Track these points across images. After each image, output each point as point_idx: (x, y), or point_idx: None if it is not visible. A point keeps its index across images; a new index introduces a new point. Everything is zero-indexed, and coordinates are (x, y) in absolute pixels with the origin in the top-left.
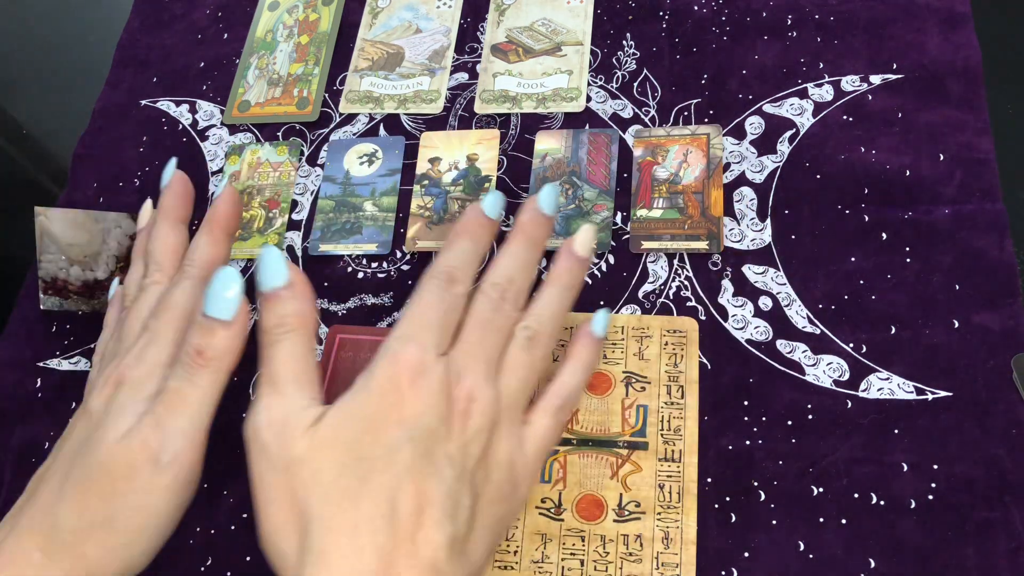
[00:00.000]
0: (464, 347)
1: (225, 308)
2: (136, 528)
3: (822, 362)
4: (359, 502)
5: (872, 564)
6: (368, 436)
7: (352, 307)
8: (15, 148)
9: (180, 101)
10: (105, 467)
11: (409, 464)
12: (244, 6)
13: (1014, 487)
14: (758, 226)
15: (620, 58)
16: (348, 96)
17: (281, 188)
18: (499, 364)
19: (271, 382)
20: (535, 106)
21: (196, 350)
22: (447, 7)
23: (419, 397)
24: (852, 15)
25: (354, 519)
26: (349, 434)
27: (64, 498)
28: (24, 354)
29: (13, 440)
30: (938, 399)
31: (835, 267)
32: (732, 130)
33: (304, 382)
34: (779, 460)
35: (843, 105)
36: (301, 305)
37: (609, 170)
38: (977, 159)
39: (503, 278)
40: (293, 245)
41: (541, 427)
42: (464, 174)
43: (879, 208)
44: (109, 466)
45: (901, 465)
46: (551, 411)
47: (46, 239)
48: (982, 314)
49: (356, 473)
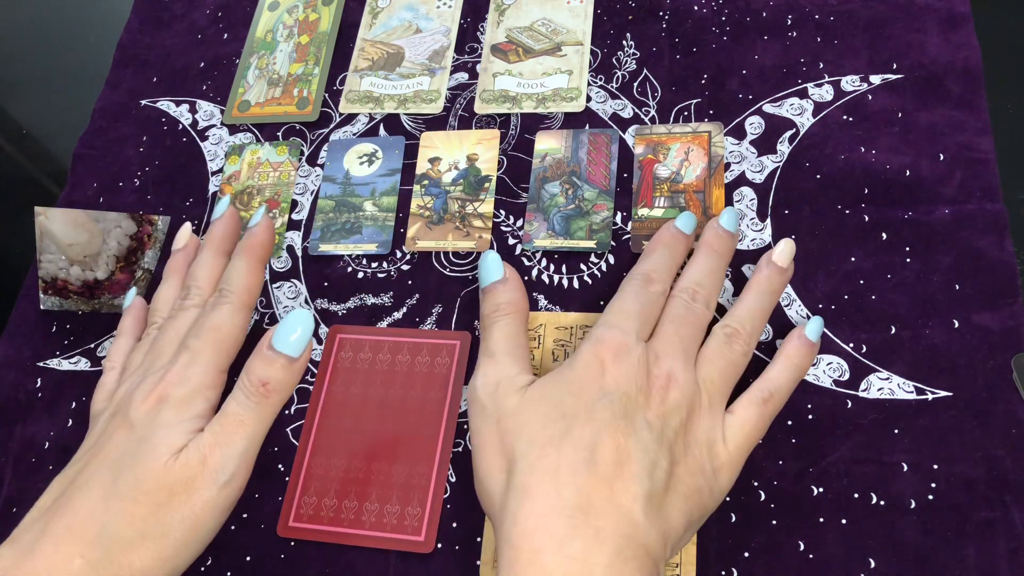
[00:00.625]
0: (662, 336)
1: (294, 346)
2: (185, 541)
3: (822, 362)
4: (561, 446)
5: (872, 564)
6: (571, 397)
7: (352, 307)
8: (15, 148)
9: (180, 101)
10: (162, 481)
11: (608, 421)
12: (244, 6)
13: (1014, 487)
14: (758, 226)
15: (620, 58)
16: (348, 96)
17: (281, 188)
18: (698, 357)
19: (488, 353)
20: (535, 106)
21: (261, 381)
22: (447, 7)
23: (620, 369)
24: (852, 15)
25: (556, 461)
26: (554, 394)
27: (112, 507)
28: (24, 354)
29: (13, 440)
30: (938, 399)
31: (835, 267)
32: (732, 130)
33: (516, 355)
34: (779, 460)
35: (843, 105)
36: (513, 295)
37: (609, 170)
38: (977, 159)
39: (692, 282)
40: (293, 245)
41: (743, 417)
42: (464, 174)
43: (879, 208)
44: (167, 480)
45: (901, 465)
46: (755, 402)
47: (46, 239)
48: (982, 314)
49: (559, 425)
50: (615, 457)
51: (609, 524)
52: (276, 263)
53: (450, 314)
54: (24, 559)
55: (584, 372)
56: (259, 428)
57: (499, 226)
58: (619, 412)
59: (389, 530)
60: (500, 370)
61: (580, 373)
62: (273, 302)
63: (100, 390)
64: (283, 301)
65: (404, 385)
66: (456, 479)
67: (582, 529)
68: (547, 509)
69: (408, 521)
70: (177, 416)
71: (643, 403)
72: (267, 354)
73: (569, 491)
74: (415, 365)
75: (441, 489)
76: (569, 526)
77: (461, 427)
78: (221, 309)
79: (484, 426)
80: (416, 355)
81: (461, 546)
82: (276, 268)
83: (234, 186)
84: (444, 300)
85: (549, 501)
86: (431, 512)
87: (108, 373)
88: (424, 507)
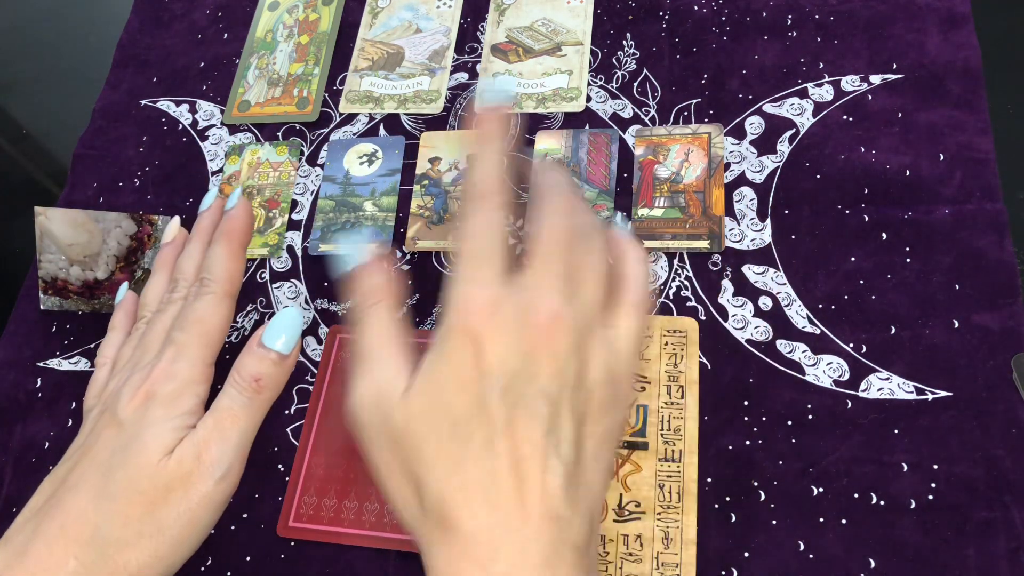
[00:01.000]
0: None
1: (286, 344)
2: (182, 538)
3: (822, 362)
4: (464, 465)
5: (872, 564)
6: (456, 397)
7: None
8: (15, 148)
9: (180, 101)
10: (156, 479)
11: (502, 415)
12: (244, 6)
13: (1014, 487)
14: (758, 226)
15: (620, 58)
16: (348, 96)
17: (281, 188)
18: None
19: (360, 358)
20: (535, 106)
21: (254, 377)
22: (447, 7)
23: (495, 336)
24: (852, 15)
25: (462, 482)
26: (439, 399)
27: (105, 508)
28: (24, 354)
29: (13, 440)
30: (938, 399)
31: (835, 267)
32: (732, 130)
33: (390, 351)
34: (779, 460)
35: (843, 105)
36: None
37: (609, 170)
38: (977, 159)
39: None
40: (293, 245)
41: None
42: (464, 174)
43: (879, 208)
44: (162, 478)
45: (901, 465)
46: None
47: (46, 239)
48: (982, 314)
49: (455, 438)
50: (519, 455)
51: (531, 531)
52: (276, 263)
53: None
54: (17, 561)
55: (460, 356)
56: (252, 423)
57: None
58: (510, 399)
59: (389, 530)
60: (375, 377)
61: (457, 359)
62: (273, 302)
63: (92, 386)
64: (283, 301)
65: None
66: None
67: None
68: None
69: None
70: (166, 413)
71: (532, 371)
72: (258, 351)
73: (483, 511)
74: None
75: None
76: (490, 549)
77: None
78: (203, 300)
79: (377, 452)
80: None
81: None
82: (276, 268)
83: (234, 186)
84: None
85: (466, 527)
86: None
87: (100, 369)
88: None
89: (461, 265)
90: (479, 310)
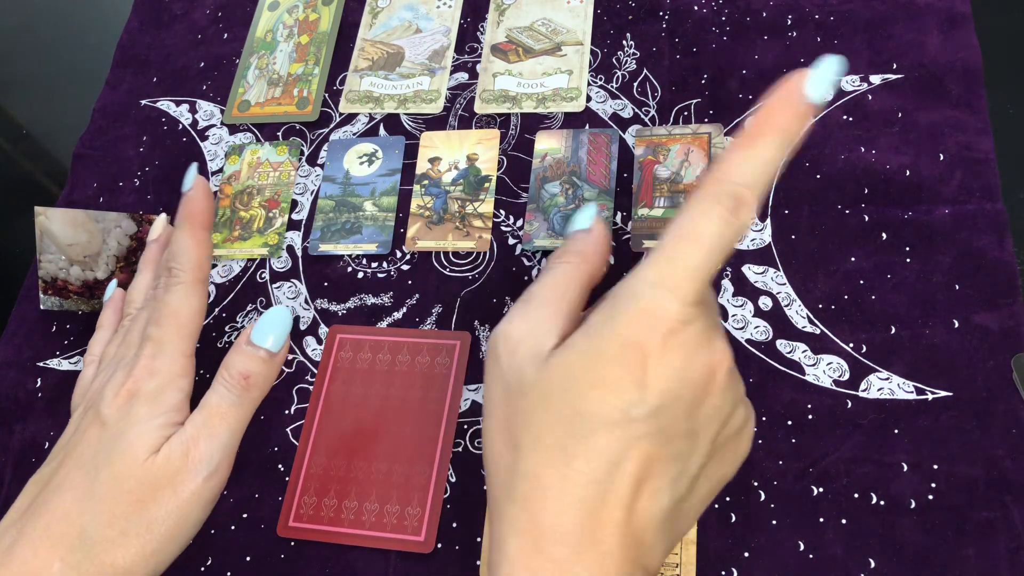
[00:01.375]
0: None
1: (275, 342)
2: (171, 535)
3: (822, 362)
4: (573, 462)
5: (872, 564)
6: (596, 391)
7: (352, 307)
8: (15, 148)
9: (180, 101)
10: (143, 478)
11: (641, 435)
12: (244, 6)
13: (1014, 487)
14: (758, 226)
15: (620, 58)
16: (348, 96)
17: (281, 188)
18: None
19: (524, 299)
20: (535, 106)
21: (242, 374)
22: (447, 7)
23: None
24: (852, 15)
25: (562, 476)
26: (577, 378)
27: (91, 508)
28: (24, 354)
29: (13, 440)
30: (938, 399)
31: (835, 267)
32: (732, 130)
33: (555, 307)
34: (779, 460)
35: (843, 105)
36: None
37: (609, 170)
38: (977, 159)
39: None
40: (293, 245)
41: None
42: (464, 174)
43: (879, 208)
44: (149, 477)
45: (901, 465)
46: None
47: (46, 239)
48: (982, 314)
49: (574, 427)
50: (639, 474)
51: (617, 550)
52: (276, 263)
53: (450, 314)
54: (1, 564)
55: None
56: (240, 421)
57: (499, 226)
58: (655, 427)
59: (389, 530)
60: (529, 323)
61: (614, 358)
62: (273, 302)
63: (78, 384)
64: (283, 301)
65: (404, 385)
66: (456, 479)
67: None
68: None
69: (408, 521)
70: (150, 411)
71: (688, 407)
72: (246, 349)
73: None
74: (415, 365)
75: (441, 489)
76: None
77: (461, 427)
78: (173, 291)
79: (495, 390)
80: (416, 355)
81: (461, 546)
82: (276, 268)
83: (234, 186)
84: (444, 300)
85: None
86: (431, 512)
87: (87, 367)
88: (424, 507)
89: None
90: (664, 328)
